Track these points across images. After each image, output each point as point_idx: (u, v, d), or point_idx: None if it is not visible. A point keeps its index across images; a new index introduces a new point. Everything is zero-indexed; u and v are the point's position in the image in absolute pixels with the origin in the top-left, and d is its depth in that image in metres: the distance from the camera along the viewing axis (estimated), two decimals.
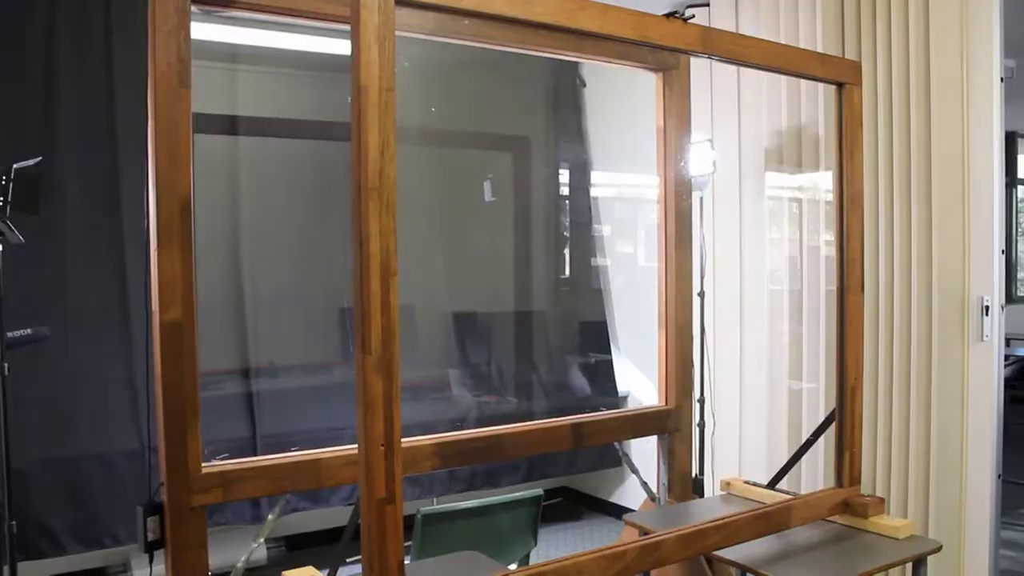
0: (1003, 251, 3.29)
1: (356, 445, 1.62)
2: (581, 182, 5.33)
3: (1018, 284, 8.25)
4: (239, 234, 4.20)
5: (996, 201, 3.24)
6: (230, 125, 4.17)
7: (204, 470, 2.41)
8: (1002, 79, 3.20)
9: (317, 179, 4.46)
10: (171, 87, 2.21)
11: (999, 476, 3.33)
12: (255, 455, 2.62)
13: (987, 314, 3.27)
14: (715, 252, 4.37)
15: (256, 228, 4.26)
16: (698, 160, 3.72)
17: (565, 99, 5.29)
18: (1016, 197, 8.00)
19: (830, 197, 3.79)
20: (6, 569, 2.80)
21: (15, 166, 2.68)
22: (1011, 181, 7.77)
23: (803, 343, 3.96)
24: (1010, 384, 4.88)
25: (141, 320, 3.76)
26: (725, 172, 4.22)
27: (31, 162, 2.69)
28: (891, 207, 3.49)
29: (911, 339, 3.44)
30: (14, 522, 2.75)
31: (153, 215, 2.30)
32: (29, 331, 2.78)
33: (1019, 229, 8.21)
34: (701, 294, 4.12)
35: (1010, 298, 7.79)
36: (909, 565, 2.42)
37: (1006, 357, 3.72)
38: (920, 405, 3.42)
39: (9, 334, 2.75)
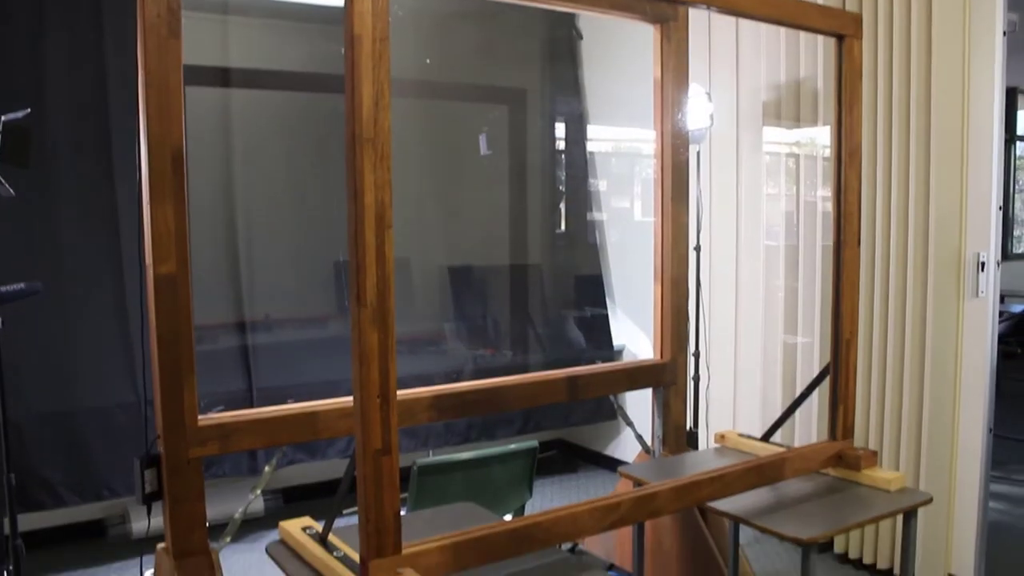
0: (1000, 207, 3.29)
1: (352, 397, 1.62)
2: (577, 136, 5.29)
3: (1014, 241, 8.26)
4: (233, 188, 4.16)
5: (995, 157, 3.22)
6: (222, 77, 4.11)
7: (200, 423, 2.42)
8: (1004, 33, 3.16)
9: (311, 132, 4.42)
10: (161, 37, 2.18)
11: (990, 430, 3.36)
12: (251, 408, 2.63)
13: (983, 270, 3.28)
14: (712, 206, 4.36)
15: (250, 182, 4.22)
16: (695, 113, 3.69)
17: (562, 51, 5.22)
18: (1015, 153, 7.96)
19: (828, 152, 3.78)
20: (6, 521, 2.82)
21: (3, 118, 2.64)
22: (1010, 137, 7.74)
23: (799, 298, 3.97)
24: (1003, 340, 4.91)
25: (135, 273, 3.74)
26: (722, 126, 4.19)
27: (19, 114, 2.65)
28: (889, 162, 3.48)
29: (906, 294, 3.45)
30: (12, 474, 2.76)
31: (145, 168, 2.28)
32: (22, 285, 2.76)
33: (1017, 186, 8.19)
34: (697, 248, 4.11)
35: (1006, 255, 7.80)
36: (900, 517, 2.45)
37: (1000, 313, 3.73)
38: (914, 360, 3.44)
39: (1, 288, 2.73)
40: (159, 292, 2.33)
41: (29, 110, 2.67)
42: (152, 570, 2.70)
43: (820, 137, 3.87)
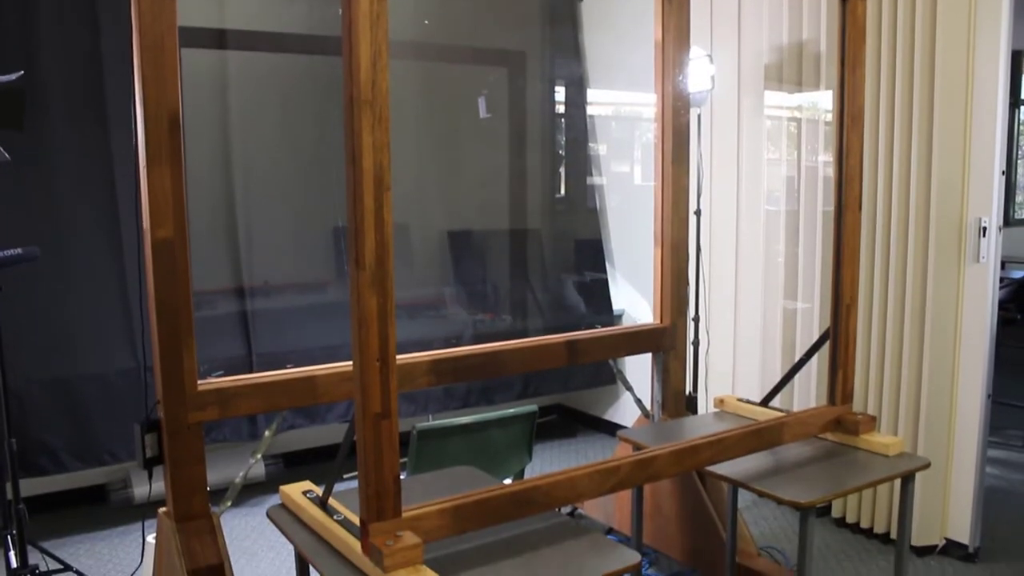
0: (1003, 172, 3.27)
1: (351, 362, 1.61)
2: (577, 99, 5.24)
3: (1016, 207, 8.22)
4: (230, 153, 4.13)
5: (999, 121, 3.19)
6: (218, 39, 4.06)
7: (200, 387, 2.42)
8: None
9: (310, 95, 4.38)
10: None
11: (989, 396, 3.37)
12: (251, 373, 2.63)
13: (984, 235, 3.26)
14: (712, 171, 4.33)
15: (248, 146, 4.19)
16: (696, 76, 3.65)
17: (561, 13, 5.16)
18: (1019, 118, 7.90)
19: (829, 117, 3.75)
20: (8, 486, 2.83)
21: None
22: (1015, 101, 7.67)
23: (799, 263, 3.96)
24: (1003, 306, 4.91)
25: (133, 238, 3.73)
26: (724, 89, 4.15)
27: (12, 76, 2.63)
28: (891, 125, 3.45)
29: (907, 259, 3.44)
30: (13, 439, 2.77)
31: (141, 131, 2.26)
32: (19, 250, 2.75)
33: (1020, 151, 8.13)
34: (697, 212, 4.09)
35: (1007, 220, 7.77)
36: (898, 481, 2.46)
37: (1001, 279, 3.72)
38: (914, 325, 3.44)
39: None
40: (157, 257, 2.32)
41: (22, 72, 2.64)
42: (154, 534, 2.71)
43: (822, 101, 3.84)
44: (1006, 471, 4.54)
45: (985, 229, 3.25)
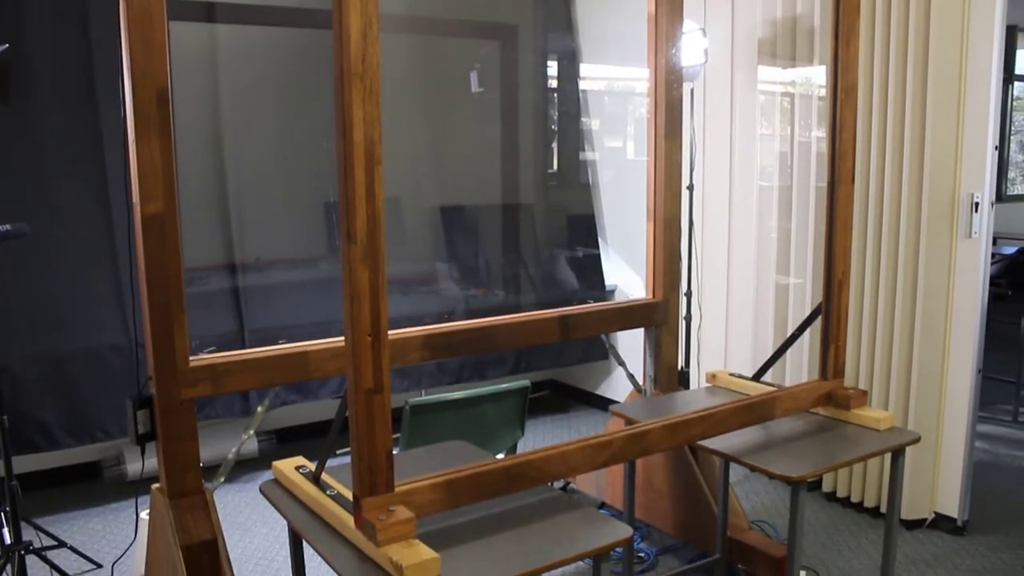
0: (996, 148, 3.26)
1: (343, 337, 1.61)
2: (570, 73, 5.21)
3: (1008, 183, 8.22)
4: (220, 127, 4.10)
5: (993, 96, 3.19)
6: (207, 12, 4.02)
7: (192, 364, 2.41)
8: None
9: (301, 68, 4.34)
10: None
11: (979, 371, 3.38)
12: (243, 349, 2.63)
13: (976, 211, 3.26)
14: (705, 145, 4.32)
15: (238, 121, 4.15)
16: (690, 49, 3.63)
17: None
18: (1012, 94, 7.88)
19: (823, 92, 3.73)
20: (1, 462, 2.83)
21: None
22: (1008, 77, 7.65)
23: (791, 239, 3.96)
24: (994, 282, 4.92)
25: (123, 214, 3.71)
26: (717, 63, 4.13)
27: None
28: (885, 100, 3.44)
29: (899, 234, 3.44)
30: (5, 416, 2.76)
31: (129, 104, 2.24)
32: (8, 227, 2.73)
33: (1013, 127, 8.12)
34: (690, 187, 4.08)
35: (1000, 196, 7.78)
36: (888, 455, 2.47)
37: (993, 255, 3.73)
38: (906, 300, 3.45)
39: None
40: (147, 232, 2.30)
41: (7, 45, 2.61)
42: (148, 510, 2.72)
43: (816, 76, 3.82)
44: (995, 446, 4.57)
45: (977, 205, 3.26)
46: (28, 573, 2.82)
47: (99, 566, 3.34)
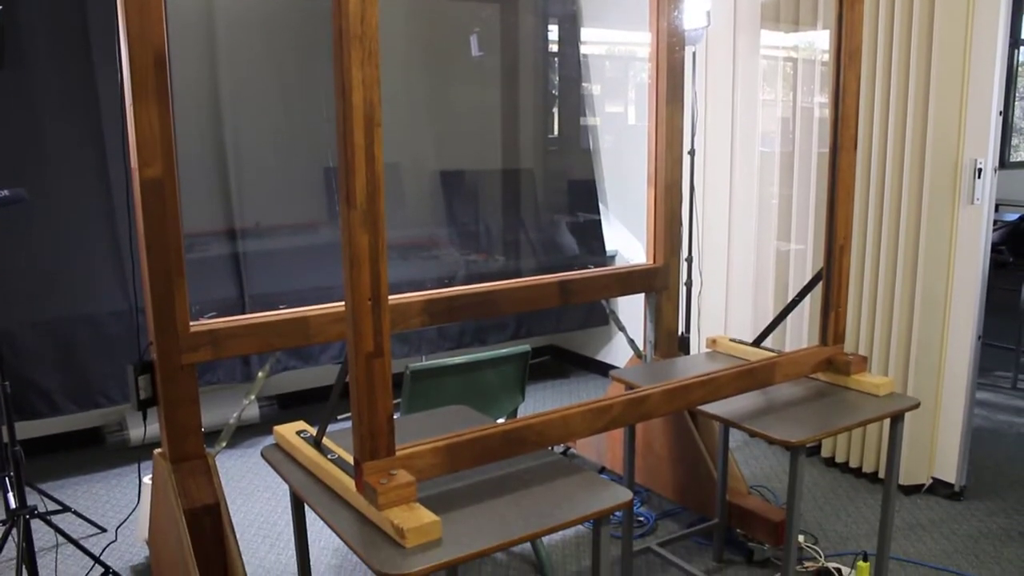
0: (1000, 113, 3.24)
1: (343, 302, 1.61)
2: (570, 37, 5.16)
3: (1012, 149, 8.18)
4: (219, 91, 4.06)
5: (998, 61, 3.15)
6: None
7: (192, 329, 2.42)
8: None
9: (300, 31, 4.29)
10: None
11: (979, 338, 3.39)
12: (243, 315, 2.63)
13: (979, 177, 3.25)
14: (707, 110, 4.29)
15: (236, 86, 4.12)
16: (692, 12, 3.59)
17: None
18: (1018, 58, 7.81)
19: (826, 57, 3.70)
20: (4, 429, 2.84)
21: None
22: (1015, 41, 7.58)
23: (793, 205, 3.94)
24: (996, 249, 4.92)
25: (122, 178, 3.69)
26: (719, 26, 4.09)
27: None
28: (889, 65, 3.40)
29: (901, 199, 3.43)
30: (7, 382, 2.77)
31: (126, 67, 2.22)
32: (6, 192, 2.71)
33: (1018, 92, 8.06)
34: (691, 152, 4.06)
35: (1003, 163, 7.75)
36: (887, 421, 2.48)
37: (994, 222, 3.71)
38: (907, 266, 3.44)
39: None
40: (146, 196, 2.29)
41: (1, 7, 2.58)
42: (150, 475, 2.73)
43: (819, 41, 3.78)
44: (993, 412, 4.59)
45: (980, 170, 3.24)
46: (33, 537, 2.84)
47: (103, 530, 3.37)
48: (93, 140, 3.73)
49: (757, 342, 2.85)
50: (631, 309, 4.78)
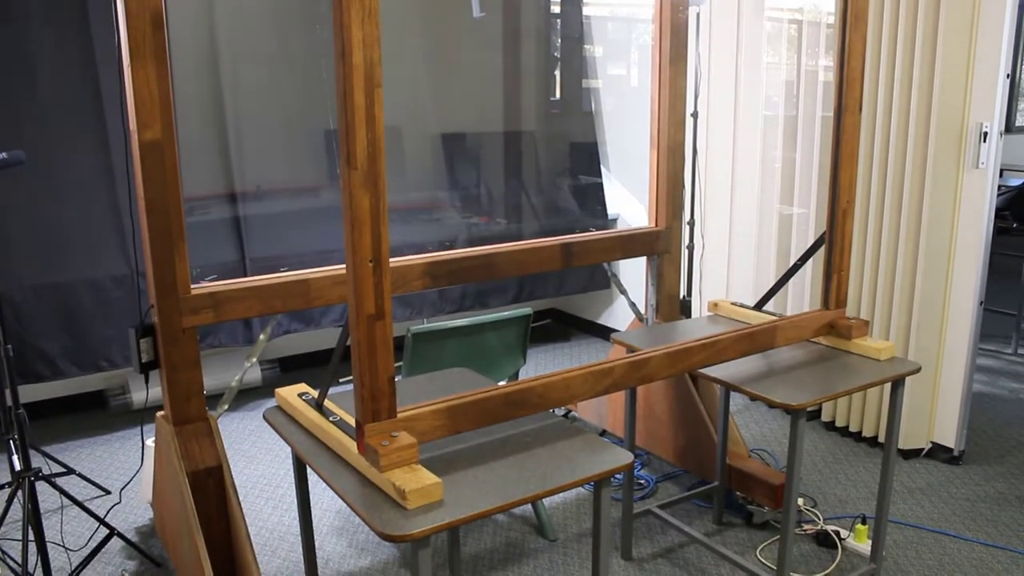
0: (1008, 76, 3.20)
1: (344, 265, 1.60)
2: None
3: (1018, 113, 8.10)
4: (218, 52, 4.02)
5: (1007, 21, 3.11)
6: None
7: (193, 292, 2.41)
8: None
9: None
10: None
11: (981, 303, 3.38)
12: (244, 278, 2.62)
13: (985, 141, 3.22)
14: (710, 73, 4.25)
15: (236, 46, 4.08)
16: None
17: None
18: None
19: (831, 20, 3.65)
20: (8, 392, 2.84)
21: None
22: None
23: (796, 169, 3.92)
24: (999, 214, 4.89)
25: (120, 141, 3.67)
26: None
27: None
28: (896, 25, 3.36)
29: (905, 163, 3.40)
30: (9, 346, 2.77)
31: (123, 27, 2.19)
32: (4, 155, 2.69)
33: None
34: (694, 115, 4.03)
35: (1009, 127, 7.68)
36: (888, 385, 2.48)
37: (999, 187, 3.69)
38: (910, 230, 3.42)
39: None
40: (145, 159, 2.28)
41: None
42: (153, 437, 2.75)
43: (824, 3, 3.73)
44: (993, 377, 4.60)
45: (986, 134, 3.21)
46: (39, 499, 2.86)
47: (107, 492, 3.40)
48: (91, 100, 3.70)
49: (759, 306, 2.85)
50: (633, 272, 4.78)
